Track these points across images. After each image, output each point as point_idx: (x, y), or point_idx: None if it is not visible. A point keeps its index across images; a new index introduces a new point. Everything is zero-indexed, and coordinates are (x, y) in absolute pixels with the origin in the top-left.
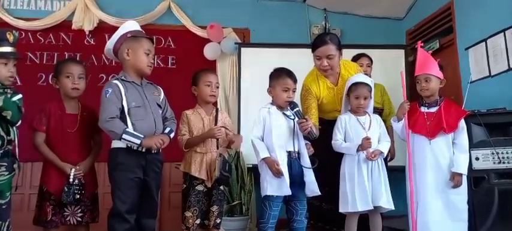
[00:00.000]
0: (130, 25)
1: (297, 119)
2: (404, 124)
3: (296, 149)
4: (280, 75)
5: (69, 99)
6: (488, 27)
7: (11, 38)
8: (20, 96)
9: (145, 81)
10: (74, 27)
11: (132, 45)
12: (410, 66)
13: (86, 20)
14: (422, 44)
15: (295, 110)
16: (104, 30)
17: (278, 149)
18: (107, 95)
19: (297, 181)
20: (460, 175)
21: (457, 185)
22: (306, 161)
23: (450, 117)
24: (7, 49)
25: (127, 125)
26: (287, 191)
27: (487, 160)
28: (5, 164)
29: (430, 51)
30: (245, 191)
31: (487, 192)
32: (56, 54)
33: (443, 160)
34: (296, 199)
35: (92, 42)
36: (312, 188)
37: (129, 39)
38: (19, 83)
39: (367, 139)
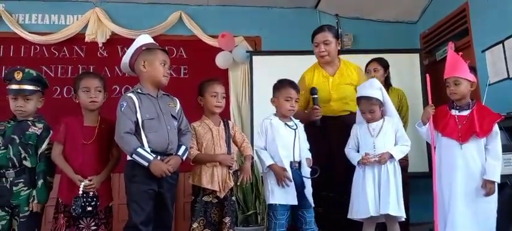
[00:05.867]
0: (144, 38)
1: (314, 105)
2: (430, 129)
3: (296, 159)
4: (282, 85)
5: (88, 112)
6: (505, 28)
7: (18, 76)
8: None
9: (161, 93)
10: (87, 40)
11: (148, 57)
12: (426, 70)
13: (98, 32)
14: (453, 46)
15: (314, 96)
16: (116, 42)
17: (284, 159)
18: (122, 109)
19: (298, 190)
20: (493, 182)
21: (489, 193)
22: (305, 171)
23: (483, 121)
24: (14, 86)
25: (141, 137)
26: (293, 201)
27: (509, 164)
28: (22, 180)
29: (444, 55)
30: (260, 200)
31: (510, 198)
32: (70, 67)
33: (474, 165)
34: (303, 208)
35: (105, 54)
36: (309, 198)
37: (144, 52)
38: None
39: (366, 155)
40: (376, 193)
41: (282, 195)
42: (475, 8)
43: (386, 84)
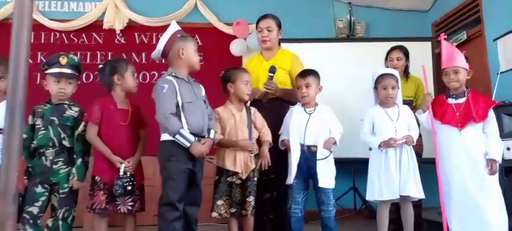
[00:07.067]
0: (176, 26)
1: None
2: (430, 116)
3: (307, 143)
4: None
5: (120, 95)
6: None
7: (63, 60)
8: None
9: (191, 78)
10: (105, 27)
11: (184, 44)
12: (437, 58)
13: (116, 19)
14: (445, 37)
15: (270, 74)
16: (133, 29)
17: (293, 142)
18: (164, 90)
19: (310, 173)
20: (495, 161)
21: (493, 172)
22: (320, 153)
23: (479, 107)
24: (55, 70)
25: (181, 119)
26: (289, 180)
27: None
28: (62, 159)
29: (456, 43)
30: None
31: None
32: (88, 53)
33: (474, 148)
34: (319, 191)
35: (122, 41)
36: (323, 180)
37: (179, 39)
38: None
39: (393, 139)
40: (398, 175)
41: (289, 177)
42: None
43: (406, 72)
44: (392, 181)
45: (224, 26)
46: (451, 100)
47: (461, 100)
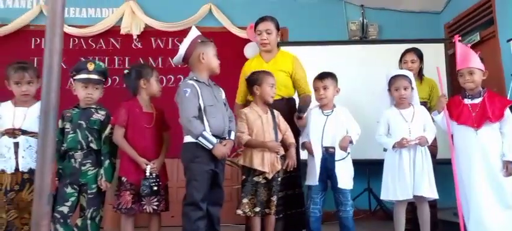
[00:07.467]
0: (196, 31)
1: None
2: (445, 117)
3: (325, 144)
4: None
5: (145, 99)
6: None
7: (91, 66)
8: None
9: (212, 82)
10: (122, 32)
11: (205, 49)
12: (450, 60)
13: (133, 25)
14: (460, 38)
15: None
16: (149, 34)
17: (314, 144)
18: (186, 94)
19: (328, 174)
20: (511, 162)
21: (510, 173)
22: (338, 154)
23: (495, 107)
24: (83, 76)
25: (203, 122)
26: (312, 181)
27: None
28: (90, 161)
29: (469, 45)
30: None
31: None
32: (106, 58)
33: (490, 148)
34: (337, 191)
35: (139, 46)
36: (342, 181)
37: (200, 44)
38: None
39: (405, 140)
40: (411, 176)
41: (308, 177)
42: None
43: (420, 74)
44: (405, 181)
45: (238, 30)
46: (467, 101)
47: (477, 101)
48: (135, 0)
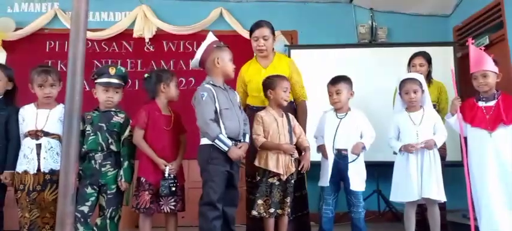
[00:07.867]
0: (212, 37)
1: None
2: (459, 119)
3: (337, 146)
4: (329, 82)
5: (163, 102)
6: None
7: (112, 71)
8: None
9: (227, 86)
10: (134, 35)
11: (220, 54)
12: (459, 63)
13: (145, 28)
14: (473, 41)
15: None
16: (161, 37)
17: (327, 147)
18: (203, 98)
19: (341, 175)
20: None
21: None
22: (350, 156)
23: (509, 110)
24: (104, 79)
25: (219, 125)
26: (323, 183)
27: None
28: (109, 162)
29: (480, 48)
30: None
31: None
32: (119, 61)
33: (505, 151)
34: (350, 193)
35: (151, 49)
36: (353, 184)
37: (215, 49)
38: (87, 88)
39: (410, 145)
40: (419, 178)
41: (320, 179)
42: (510, 0)
43: (428, 78)
44: (412, 183)
45: (248, 33)
46: (481, 103)
47: (491, 103)
48: (147, 4)
